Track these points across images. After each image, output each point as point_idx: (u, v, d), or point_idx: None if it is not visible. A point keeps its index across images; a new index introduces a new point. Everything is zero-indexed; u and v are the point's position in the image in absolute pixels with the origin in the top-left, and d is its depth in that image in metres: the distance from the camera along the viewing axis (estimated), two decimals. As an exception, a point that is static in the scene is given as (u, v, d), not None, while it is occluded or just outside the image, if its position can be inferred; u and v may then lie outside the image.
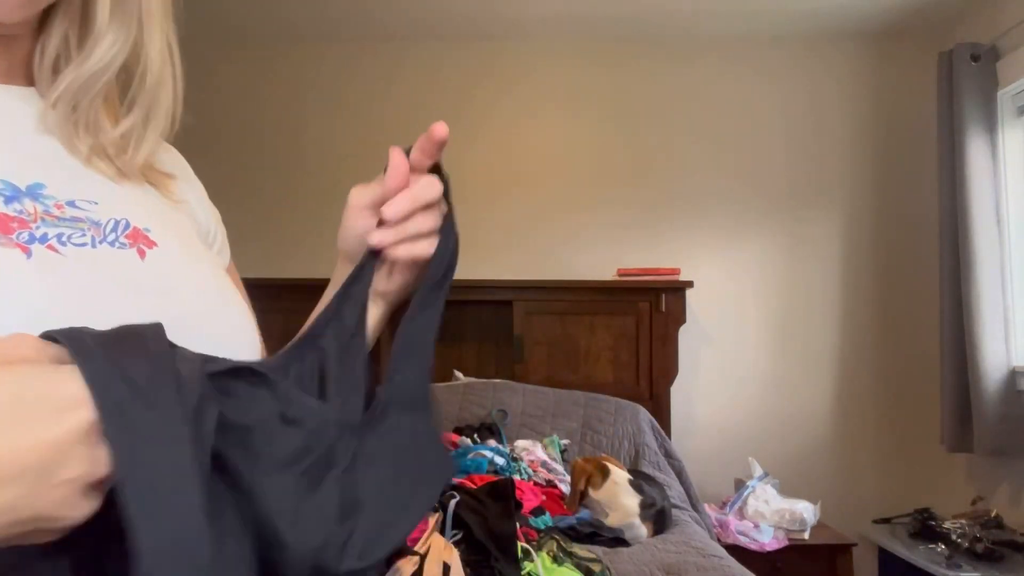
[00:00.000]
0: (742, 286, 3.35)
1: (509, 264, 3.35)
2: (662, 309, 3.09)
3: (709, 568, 1.77)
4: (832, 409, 3.31)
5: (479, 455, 2.20)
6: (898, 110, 3.37)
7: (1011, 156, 2.90)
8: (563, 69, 3.45)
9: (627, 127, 3.42)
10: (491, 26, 3.35)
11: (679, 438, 3.16)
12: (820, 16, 3.23)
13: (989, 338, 2.76)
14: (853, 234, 3.36)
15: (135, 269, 0.51)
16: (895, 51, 3.38)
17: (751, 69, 3.42)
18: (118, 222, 0.53)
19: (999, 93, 2.90)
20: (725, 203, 3.37)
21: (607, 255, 3.31)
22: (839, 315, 3.34)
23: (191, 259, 0.57)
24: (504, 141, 3.44)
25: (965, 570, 2.44)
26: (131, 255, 0.52)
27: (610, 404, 2.87)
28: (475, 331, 3.36)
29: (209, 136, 3.45)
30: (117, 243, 0.52)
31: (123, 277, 0.50)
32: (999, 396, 2.74)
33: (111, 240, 0.52)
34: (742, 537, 2.69)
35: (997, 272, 2.81)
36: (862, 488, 3.25)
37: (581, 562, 1.56)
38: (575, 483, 2.16)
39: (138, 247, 0.53)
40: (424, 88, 3.44)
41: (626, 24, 3.31)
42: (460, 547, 1.42)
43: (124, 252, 0.52)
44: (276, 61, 3.50)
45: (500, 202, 3.40)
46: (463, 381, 3.06)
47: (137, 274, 0.51)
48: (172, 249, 0.55)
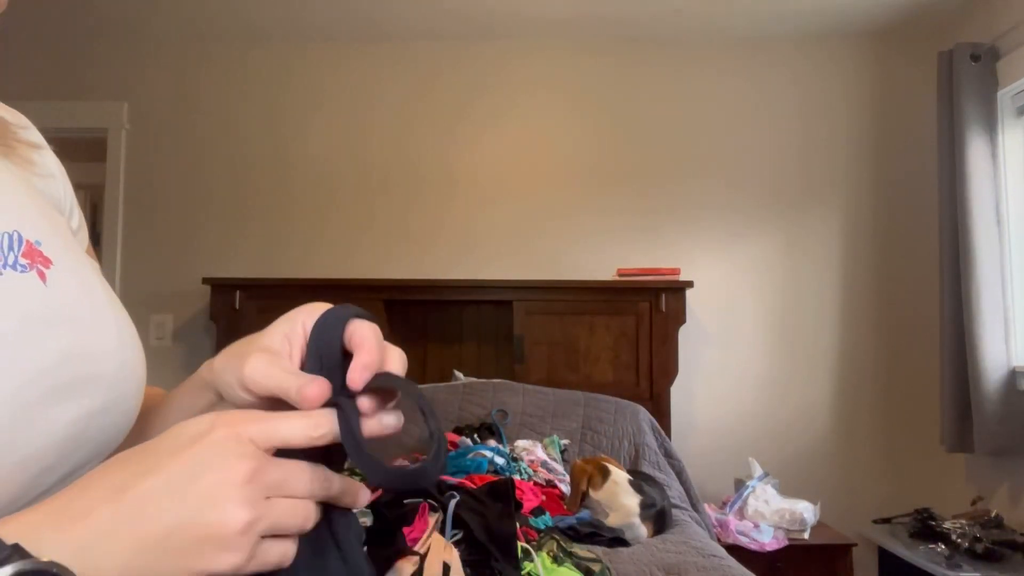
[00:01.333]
0: (742, 286, 3.35)
1: (509, 264, 3.35)
2: (662, 309, 3.09)
3: (709, 568, 1.77)
4: (832, 409, 3.31)
5: (479, 455, 2.20)
6: (898, 110, 3.37)
7: (1011, 156, 2.90)
8: (564, 69, 3.45)
9: (627, 127, 3.42)
10: (491, 26, 3.35)
11: (679, 438, 3.16)
12: (820, 16, 3.23)
13: (989, 338, 2.76)
14: (853, 234, 3.36)
15: (41, 297, 0.47)
16: (895, 51, 3.38)
17: (751, 69, 3.42)
18: (11, 237, 0.47)
19: (999, 93, 2.90)
20: (725, 203, 3.37)
21: (607, 255, 3.31)
22: (839, 315, 3.34)
23: (83, 274, 0.52)
24: (504, 141, 3.44)
25: (965, 570, 2.44)
26: (33, 280, 0.47)
27: (610, 404, 2.87)
28: (475, 331, 3.36)
29: (205, 134, 3.45)
30: (18, 266, 0.46)
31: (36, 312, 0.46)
32: (999, 396, 2.74)
33: (12, 263, 0.46)
34: (742, 537, 2.69)
35: (997, 272, 2.81)
36: (862, 488, 3.25)
37: (581, 562, 1.56)
38: (576, 484, 2.16)
39: (37, 268, 0.47)
40: (424, 88, 3.44)
41: (626, 25, 3.31)
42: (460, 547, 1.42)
43: (27, 278, 0.47)
44: (274, 60, 3.50)
45: (500, 202, 3.40)
46: (463, 381, 3.06)
47: (45, 304, 0.46)
48: (66, 266, 0.50)
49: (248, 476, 0.41)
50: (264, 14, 3.25)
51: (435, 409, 0.48)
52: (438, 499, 1.55)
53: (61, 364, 0.46)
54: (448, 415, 2.74)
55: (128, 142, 3.46)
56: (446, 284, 3.15)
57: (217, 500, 0.40)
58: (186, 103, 3.48)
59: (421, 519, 1.48)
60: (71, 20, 3.32)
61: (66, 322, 0.47)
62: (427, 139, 3.43)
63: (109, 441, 0.51)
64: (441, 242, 3.38)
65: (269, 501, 0.42)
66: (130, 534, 0.39)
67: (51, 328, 0.46)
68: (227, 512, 0.40)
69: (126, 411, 0.51)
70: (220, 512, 0.40)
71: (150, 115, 3.47)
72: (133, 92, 3.47)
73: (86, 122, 3.43)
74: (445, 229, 3.39)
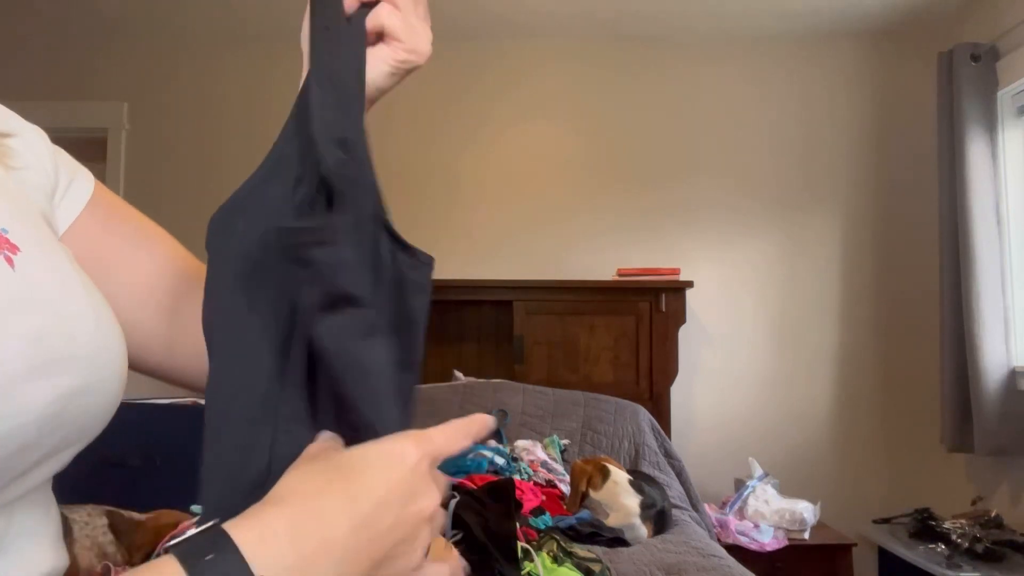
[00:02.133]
0: (742, 286, 3.35)
1: (509, 264, 3.35)
2: (662, 309, 3.09)
3: (709, 568, 1.76)
4: (832, 409, 3.31)
5: (479, 455, 2.20)
6: (898, 110, 3.37)
7: (1011, 156, 2.90)
8: (564, 69, 3.45)
9: (628, 127, 3.42)
10: (491, 26, 3.35)
11: (679, 438, 3.16)
12: (820, 16, 3.23)
13: (989, 338, 2.76)
14: (853, 234, 3.36)
15: (7, 281, 0.46)
16: (895, 51, 3.38)
17: (750, 69, 3.42)
18: None
19: (999, 93, 2.90)
20: (725, 203, 3.37)
21: (607, 255, 3.31)
22: (839, 315, 3.34)
23: (55, 260, 0.52)
24: (504, 141, 3.44)
25: (965, 570, 2.44)
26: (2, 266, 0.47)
27: (610, 404, 2.87)
28: (475, 331, 3.36)
29: (206, 134, 3.45)
30: None
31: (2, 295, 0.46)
32: (999, 396, 2.74)
33: None
34: (742, 537, 2.69)
35: (997, 272, 2.81)
36: (862, 488, 3.25)
37: (581, 562, 1.56)
38: (576, 485, 2.16)
39: (4, 254, 0.47)
40: (424, 89, 3.44)
41: (625, 24, 3.31)
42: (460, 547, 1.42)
43: None
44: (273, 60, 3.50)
45: (500, 202, 3.40)
46: (463, 381, 3.06)
47: (12, 287, 0.46)
48: (35, 252, 0.50)
49: (431, 510, 0.47)
50: (264, 14, 3.25)
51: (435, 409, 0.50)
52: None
53: (35, 344, 0.46)
54: (448, 415, 2.72)
55: (128, 142, 3.46)
56: (446, 284, 3.15)
57: (417, 529, 0.47)
58: (186, 103, 3.48)
59: (421, 519, 1.47)
60: (71, 20, 3.32)
61: (37, 304, 0.47)
62: (427, 139, 3.43)
63: (91, 423, 0.51)
64: (441, 242, 3.38)
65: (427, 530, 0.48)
66: (364, 555, 0.44)
67: (21, 310, 0.46)
68: (421, 539, 0.47)
69: (107, 393, 0.51)
70: (416, 539, 0.47)
71: (150, 115, 3.47)
72: (133, 92, 3.47)
73: (86, 122, 3.43)
74: (445, 229, 3.39)
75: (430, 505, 0.47)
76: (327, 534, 0.42)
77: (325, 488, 0.44)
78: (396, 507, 0.44)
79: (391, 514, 0.44)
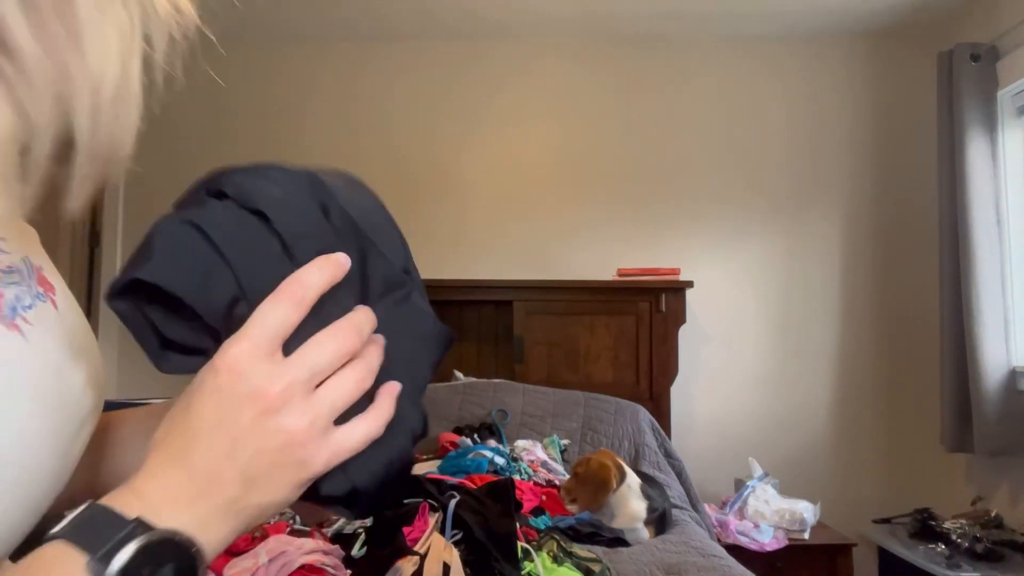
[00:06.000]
0: (742, 286, 3.35)
1: (509, 264, 3.35)
2: (662, 309, 3.09)
3: (709, 568, 1.76)
4: (832, 409, 3.31)
5: (479, 455, 2.20)
6: (898, 110, 3.37)
7: (1011, 156, 2.90)
8: (563, 68, 3.45)
9: (627, 127, 3.42)
10: (491, 27, 3.35)
11: (679, 438, 3.16)
12: (820, 16, 3.23)
13: (989, 338, 2.76)
14: (853, 234, 3.36)
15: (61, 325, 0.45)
16: (895, 51, 3.38)
17: (750, 69, 3.42)
18: (27, 262, 0.45)
19: (999, 93, 2.90)
20: (725, 203, 3.37)
21: (607, 255, 3.31)
22: (839, 315, 3.34)
23: (71, 296, 0.50)
24: (504, 141, 3.44)
25: (965, 570, 2.44)
26: (51, 310, 0.45)
27: (610, 404, 2.87)
28: (475, 331, 3.36)
29: (206, 134, 3.45)
30: (43, 296, 0.45)
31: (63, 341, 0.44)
32: (999, 396, 2.74)
33: (39, 292, 0.44)
34: (742, 537, 2.69)
35: (997, 272, 2.81)
36: (862, 488, 3.25)
37: (581, 562, 1.56)
38: (606, 481, 2.08)
39: (49, 297, 0.45)
40: (424, 89, 3.44)
41: (626, 24, 3.31)
42: (460, 547, 1.42)
43: (47, 308, 0.44)
44: (277, 61, 3.50)
45: (500, 202, 3.40)
46: (463, 381, 3.06)
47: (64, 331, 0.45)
48: (62, 290, 0.48)
49: (278, 396, 0.39)
50: (263, 14, 3.25)
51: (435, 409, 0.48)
52: (438, 499, 1.55)
53: (85, 393, 0.45)
54: (448, 415, 2.73)
55: (128, 142, 3.46)
56: (446, 284, 3.15)
57: (268, 430, 0.38)
58: (186, 103, 3.48)
59: (421, 519, 1.48)
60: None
61: (83, 350, 0.46)
62: (427, 139, 3.43)
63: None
64: (441, 242, 3.38)
65: (315, 394, 0.40)
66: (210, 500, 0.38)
67: (75, 357, 0.45)
68: (285, 427, 0.39)
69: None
70: (278, 435, 0.38)
71: (150, 115, 3.46)
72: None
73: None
74: (445, 229, 3.39)
75: (263, 401, 0.38)
76: (172, 506, 0.37)
77: (164, 461, 0.39)
78: (226, 430, 0.38)
79: (224, 440, 0.38)
